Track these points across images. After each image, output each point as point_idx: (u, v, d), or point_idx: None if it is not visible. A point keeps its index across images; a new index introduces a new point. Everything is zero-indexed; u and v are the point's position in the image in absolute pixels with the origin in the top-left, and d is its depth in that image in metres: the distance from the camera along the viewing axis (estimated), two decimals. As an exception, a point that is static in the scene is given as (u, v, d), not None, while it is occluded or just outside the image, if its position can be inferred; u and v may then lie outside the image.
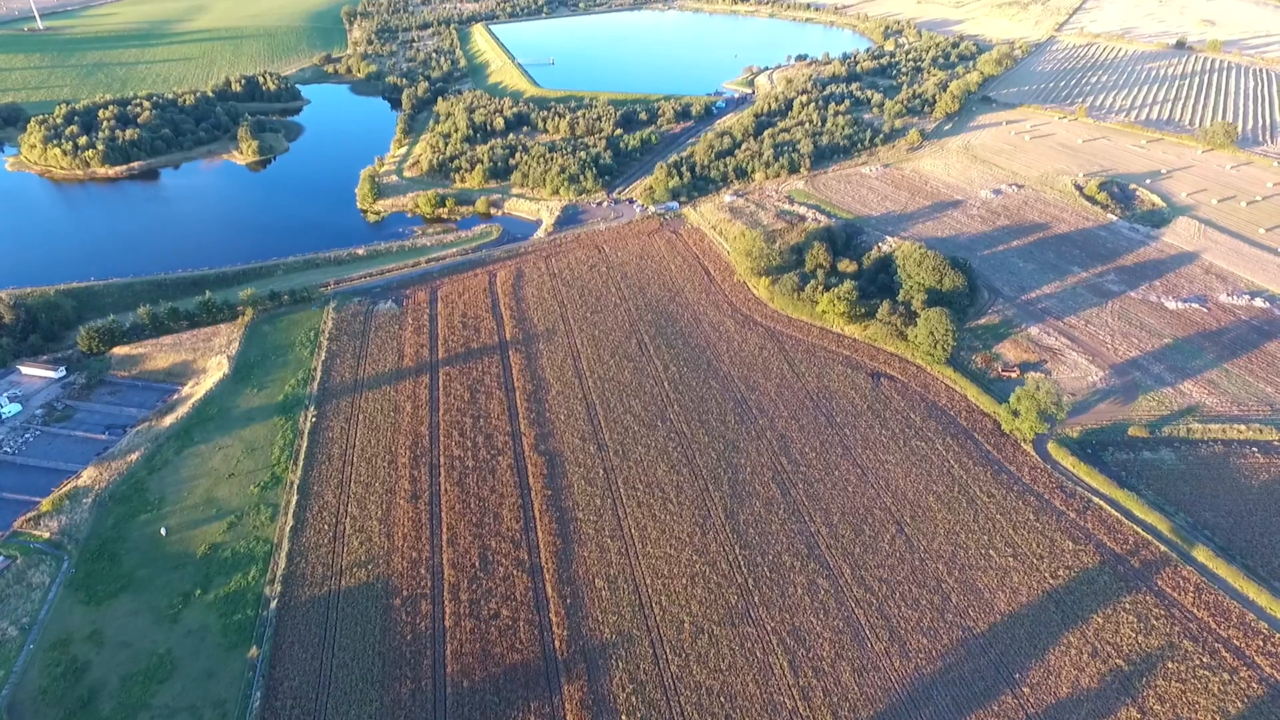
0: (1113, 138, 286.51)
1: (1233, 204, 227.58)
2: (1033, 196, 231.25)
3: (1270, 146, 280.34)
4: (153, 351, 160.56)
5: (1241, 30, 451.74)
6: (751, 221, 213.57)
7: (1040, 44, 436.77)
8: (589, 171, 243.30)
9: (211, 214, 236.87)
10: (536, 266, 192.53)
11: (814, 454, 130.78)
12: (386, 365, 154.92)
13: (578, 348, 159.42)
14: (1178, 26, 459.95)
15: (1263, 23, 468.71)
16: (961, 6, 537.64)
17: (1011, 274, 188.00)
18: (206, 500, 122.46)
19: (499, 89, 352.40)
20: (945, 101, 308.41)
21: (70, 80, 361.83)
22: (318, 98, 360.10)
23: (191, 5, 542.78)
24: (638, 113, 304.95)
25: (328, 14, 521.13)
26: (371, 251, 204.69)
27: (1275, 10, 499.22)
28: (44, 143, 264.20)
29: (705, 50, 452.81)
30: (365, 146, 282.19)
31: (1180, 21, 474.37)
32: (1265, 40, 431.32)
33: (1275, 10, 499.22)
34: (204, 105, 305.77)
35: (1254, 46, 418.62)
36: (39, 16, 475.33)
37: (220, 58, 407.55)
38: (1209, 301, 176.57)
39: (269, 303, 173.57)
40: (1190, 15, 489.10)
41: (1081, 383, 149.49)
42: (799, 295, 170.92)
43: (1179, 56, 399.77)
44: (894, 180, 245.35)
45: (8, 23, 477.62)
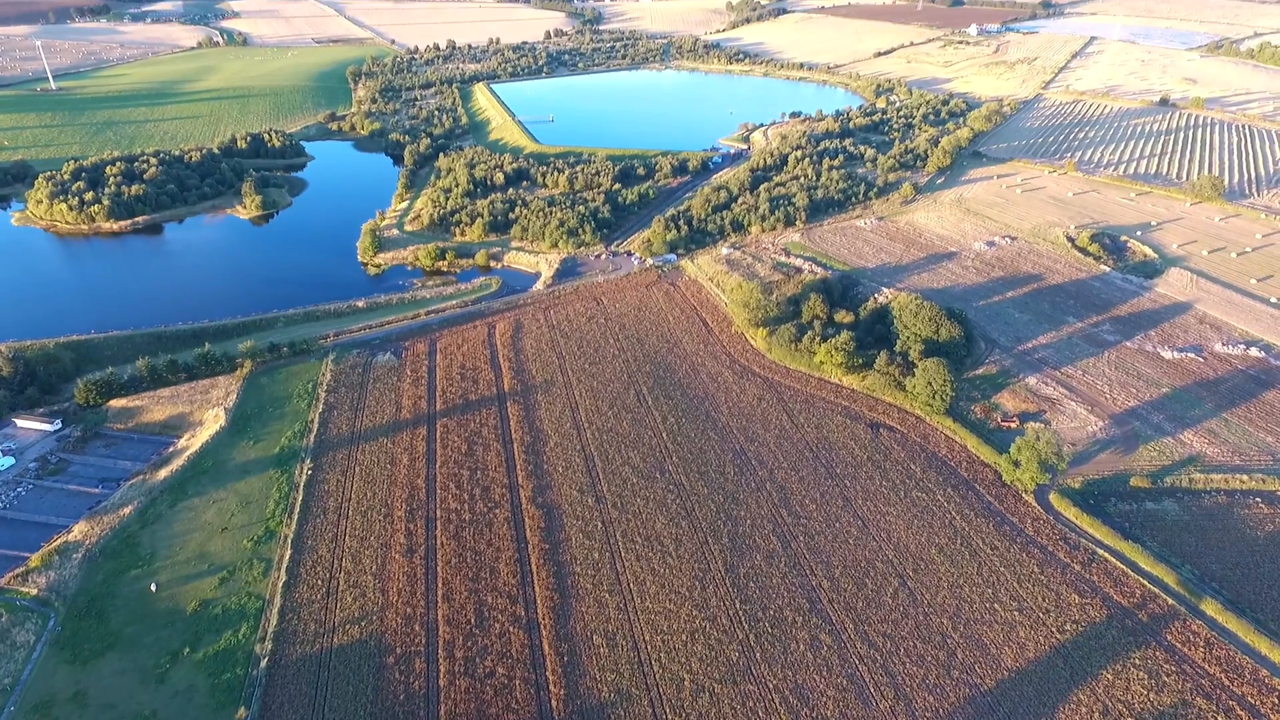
0: (1102, 191, 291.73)
1: (1223, 255, 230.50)
2: (1026, 248, 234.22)
3: (1257, 199, 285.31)
4: (150, 404, 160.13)
5: (1222, 88, 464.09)
6: (748, 273, 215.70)
7: (1028, 101, 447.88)
8: (587, 225, 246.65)
9: (213, 267, 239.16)
10: (535, 318, 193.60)
11: (814, 506, 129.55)
12: (384, 417, 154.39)
13: (576, 399, 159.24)
14: (1161, 85, 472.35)
15: (1242, 81, 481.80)
16: (950, 66, 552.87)
17: (1008, 324, 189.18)
18: (199, 555, 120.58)
19: (500, 145, 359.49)
20: (937, 156, 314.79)
21: (80, 138, 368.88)
22: (321, 154, 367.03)
23: (201, 67, 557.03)
24: (635, 168, 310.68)
25: (333, 74, 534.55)
26: (371, 304, 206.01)
27: (1253, 70, 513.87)
28: (50, 198, 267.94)
29: (701, 107, 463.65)
30: (367, 201, 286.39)
31: (1163, 80, 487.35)
32: (1245, 98, 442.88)
33: (1253, 70, 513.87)
34: (210, 161, 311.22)
35: (1235, 104, 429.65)
36: (52, 78, 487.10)
37: (227, 116, 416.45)
38: (1205, 351, 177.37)
39: (268, 355, 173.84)
40: (1172, 74, 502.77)
41: (1081, 433, 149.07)
42: (796, 346, 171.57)
43: (1163, 113, 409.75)
44: (888, 233, 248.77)
45: (23, 83, 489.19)
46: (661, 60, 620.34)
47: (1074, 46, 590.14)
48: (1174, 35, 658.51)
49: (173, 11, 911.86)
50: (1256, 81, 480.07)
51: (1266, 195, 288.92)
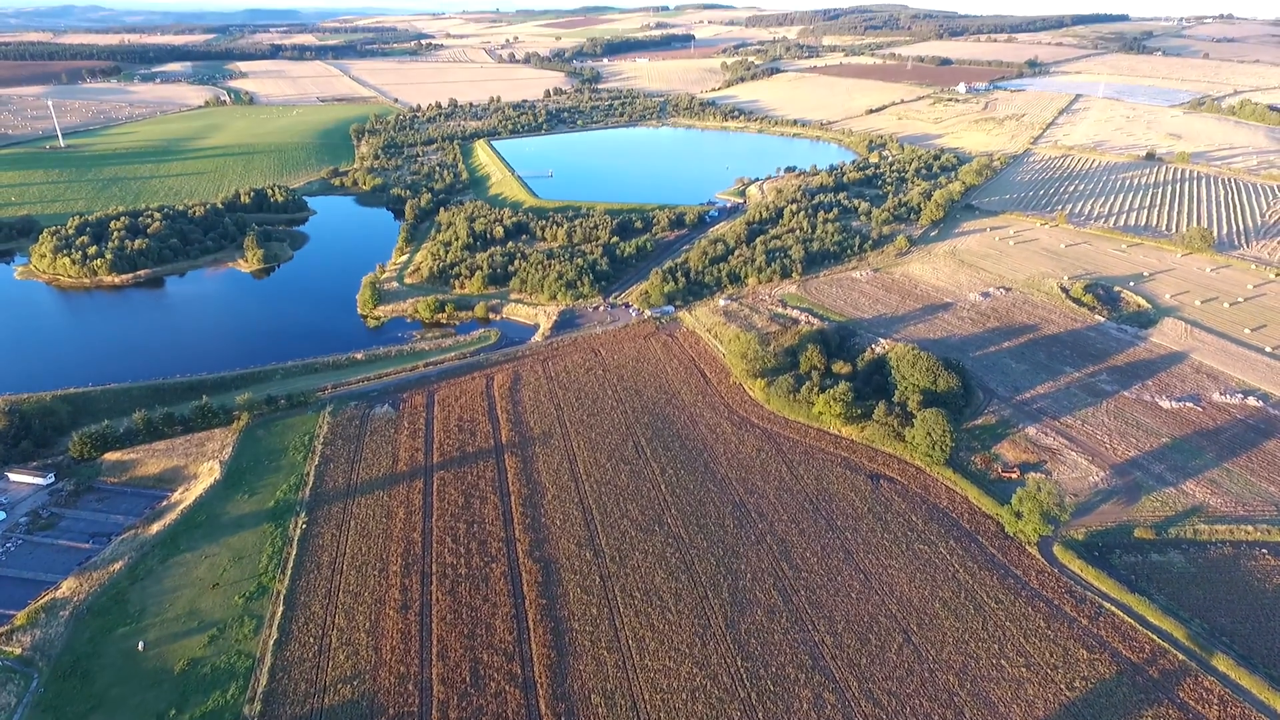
0: (1094, 242, 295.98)
1: (1216, 305, 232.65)
2: (1020, 299, 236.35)
3: (1247, 250, 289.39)
4: (144, 457, 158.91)
5: (1206, 143, 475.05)
6: (746, 325, 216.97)
7: (1018, 156, 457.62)
8: (586, 277, 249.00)
9: (213, 320, 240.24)
10: (534, 370, 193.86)
11: (815, 559, 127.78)
12: (380, 470, 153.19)
13: (574, 451, 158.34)
14: (1146, 140, 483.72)
15: (1225, 137, 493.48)
16: (940, 122, 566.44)
17: (1005, 374, 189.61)
18: (189, 612, 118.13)
19: (499, 200, 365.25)
20: (930, 209, 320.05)
21: (85, 193, 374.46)
22: (324, 208, 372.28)
23: (208, 124, 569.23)
24: (633, 221, 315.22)
25: (336, 131, 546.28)
26: (370, 356, 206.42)
27: (1235, 126, 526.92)
28: (54, 252, 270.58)
29: (698, 163, 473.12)
30: (368, 254, 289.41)
31: (1148, 135, 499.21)
32: (1229, 152, 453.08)
33: (1235, 126, 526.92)
34: (213, 216, 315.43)
35: (1219, 158, 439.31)
36: (61, 135, 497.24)
37: (232, 172, 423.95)
38: (1203, 400, 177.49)
39: (265, 407, 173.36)
40: (1157, 130, 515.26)
41: (1083, 483, 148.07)
42: (795, 397, 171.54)
43: (1150, 167, 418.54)
44: (884, 284, 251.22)
45: (33, 141, 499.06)
46: (658, 117, 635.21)
47: (1060, 103, 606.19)
48: (1157, 93, 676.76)
49: (182, 72, 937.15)
50: (1239, 137, 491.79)
51: (1255, 246, 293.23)
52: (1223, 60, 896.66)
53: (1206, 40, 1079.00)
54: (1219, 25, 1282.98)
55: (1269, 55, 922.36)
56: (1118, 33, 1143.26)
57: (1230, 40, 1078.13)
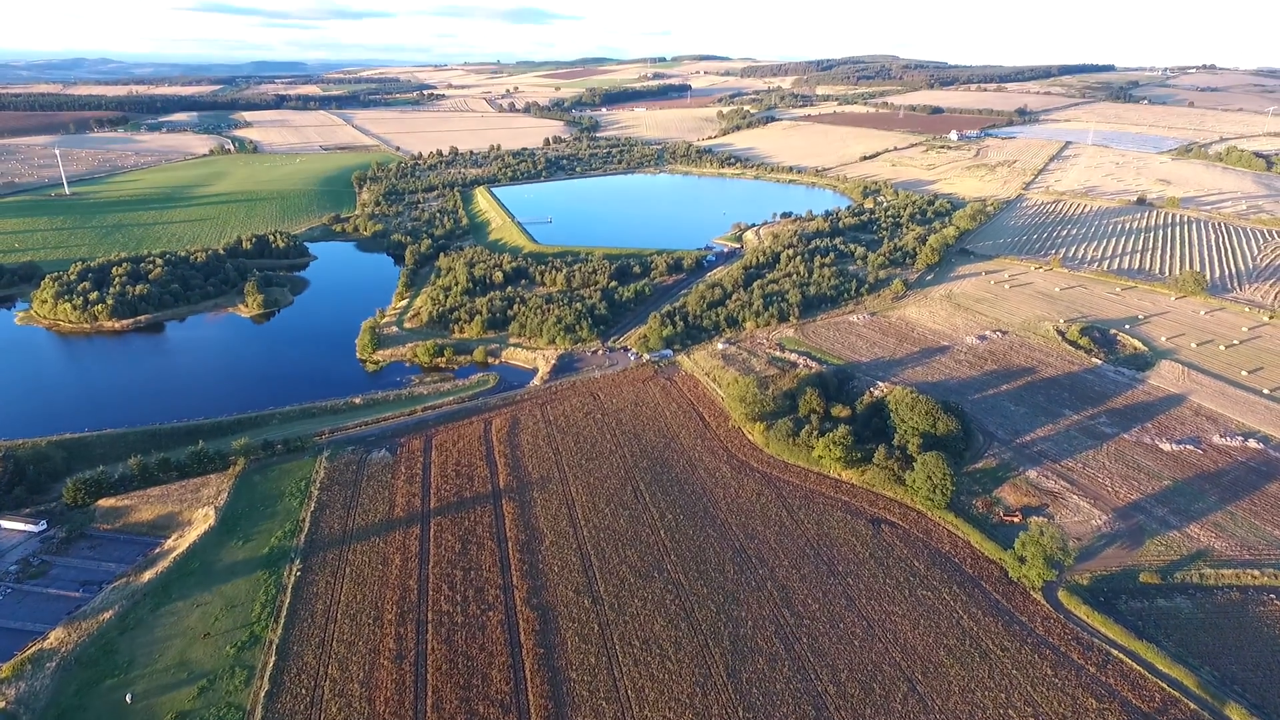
0: (1088, 286, 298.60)
1: (1212, 347, 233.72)
2: (1017, 342, 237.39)
3: (1240, 293, 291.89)
4: (139, 503, 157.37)
5: (1195, 188, 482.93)
6: (744, 368, 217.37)
7: (1010, 201, 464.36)
8: (585, 321, 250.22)
9: (211, 365, 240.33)
10: (532, 414, 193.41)
11: (817, 605, 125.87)
12: (377, 516, 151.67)
13: (572, 496, 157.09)
14: (1136, 185, 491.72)
15: (1213, 182, 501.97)
16: (933, 169, 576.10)
17: (1004, 417, 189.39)
18: (179, 663, 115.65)
19: (499, 245, 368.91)
20: (926, 253, 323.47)
21: (88, 240, 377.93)
22: (325, 254, 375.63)
23: (211, 172, 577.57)
24: (632, 266, 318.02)
25: (339, 178, 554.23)
26: (368, 400, 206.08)
27: (1222, 172, 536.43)
28: (55, 298, 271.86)
29: (695, 208, 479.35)
30: (368, 299, 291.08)
31: (1138, 181, 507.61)
32: (1218, 198, 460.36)
33: (1222, 172, 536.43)
34: (214, 262, 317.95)
35: (1209, 203, 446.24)
36: (67, 183, 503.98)
37: (234, 218, 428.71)
38: (1203, 443, 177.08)
39: (261, 452, 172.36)
40: (1147, 175, 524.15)
41: (1085, 527, 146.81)
42: (794, 440, 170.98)
43: (1142, 211, 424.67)
44: (881, 328, 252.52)
45: (38, 189, 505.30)
46: (656, 164, 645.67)
47: (1051, 150, 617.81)
48: (1145, 140, 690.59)
49: (188, 122, 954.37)
50: (1227, 182, 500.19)
51: (1249, 289, 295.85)
52: (1207, 109, 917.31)
53: (1191, 89, 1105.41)
54: (1202, 75, 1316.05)
55: (1252, 104, 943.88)
56: (1104, 82, 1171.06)
57: (1214, 89, 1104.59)
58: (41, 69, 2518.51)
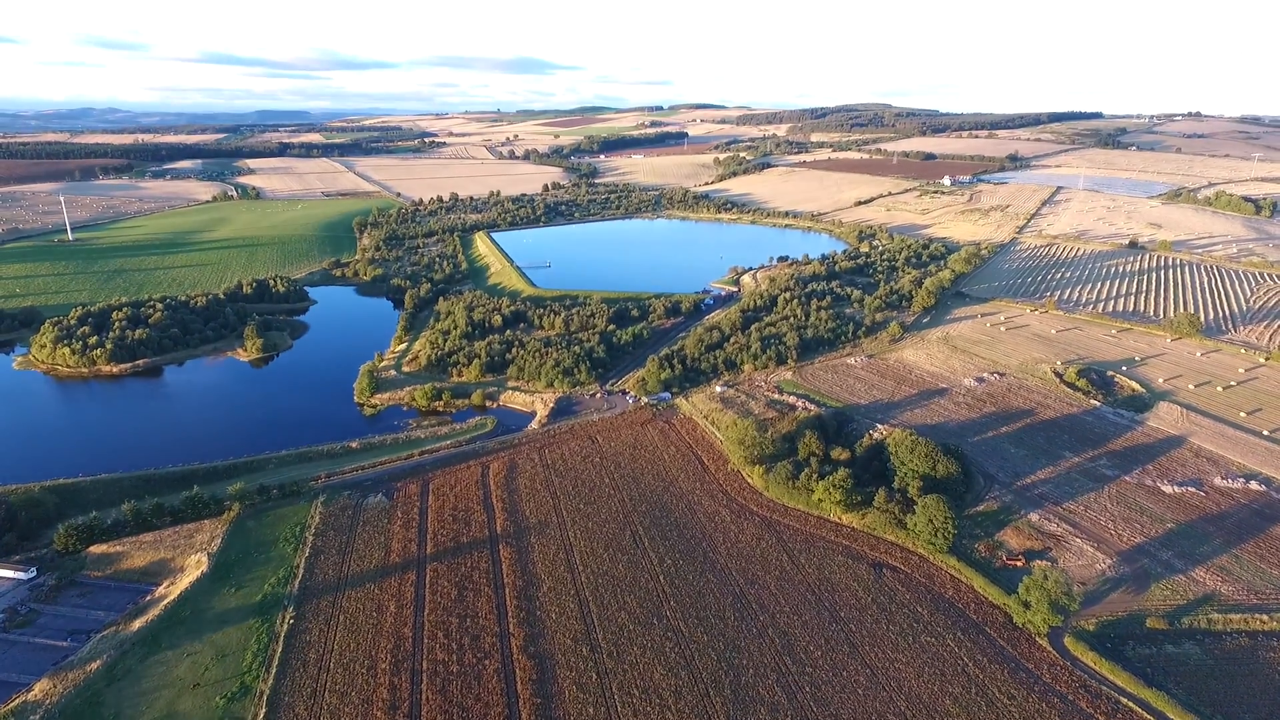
0: (1084, 328, 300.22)
1: (1210, 389, 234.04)
2: (1015, 384, 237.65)
3: (1234, 334, 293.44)
4: (131, 550, 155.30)
5: (1186, 232, 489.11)
6: (743, 411, 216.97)
7: (1004, 245, 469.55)
8: (583, 365, 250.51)
9: (209, 409, 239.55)
10: (530, 458, 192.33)
11: (819, 653, 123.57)
12: (372, 562, 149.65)
13: (570, 541, 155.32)
14: (1128, 229, 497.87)
15: (1204, 225, 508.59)
16: (927, 213, 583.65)
17: (1004, 460, 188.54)
18: (167, 715, 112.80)
19: (498, 289, 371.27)
20: (922, 296, 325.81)
21: (90, 285, 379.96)
22: (324, 298, 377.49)
23: (214, 218, 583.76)
24: (630, 309, 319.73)
25: (340, 224, 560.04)
26: (365, 444, 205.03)
27: (1212, 216, 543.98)
28: (54, 342, 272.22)
29: (693, 253, 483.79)
30: (367, 343, 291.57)
31: (1130, 224, 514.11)
32: (1209, 241, 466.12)
33: (1212, 216, 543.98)
34: (214, 306, 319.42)
35: (1200, 246, 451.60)
36: (70, 229, 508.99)
37: (235, 263, 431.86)
38: (1205, 485, 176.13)
39: (257, 497, 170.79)
40: (1138, 219, 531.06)
41: (1090, 571, 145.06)
42: (794, 484, 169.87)
43: (1134, 255, 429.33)
44: (879, 370, 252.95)
45: (42, 234, 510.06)
46: (653, 210, 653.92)
47: (1043, 195, 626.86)
48: (1134, 185, 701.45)
49: (192, 169, 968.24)
50: (1217, 226, 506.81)
51: (1243, 331, 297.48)
52: (1195, 155, 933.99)
53: (1178, 136, 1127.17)
54: (1188, 122, 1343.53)
55: (1237, 150, 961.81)
56: (1093, 129, 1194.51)
57: (1200, 136, 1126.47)
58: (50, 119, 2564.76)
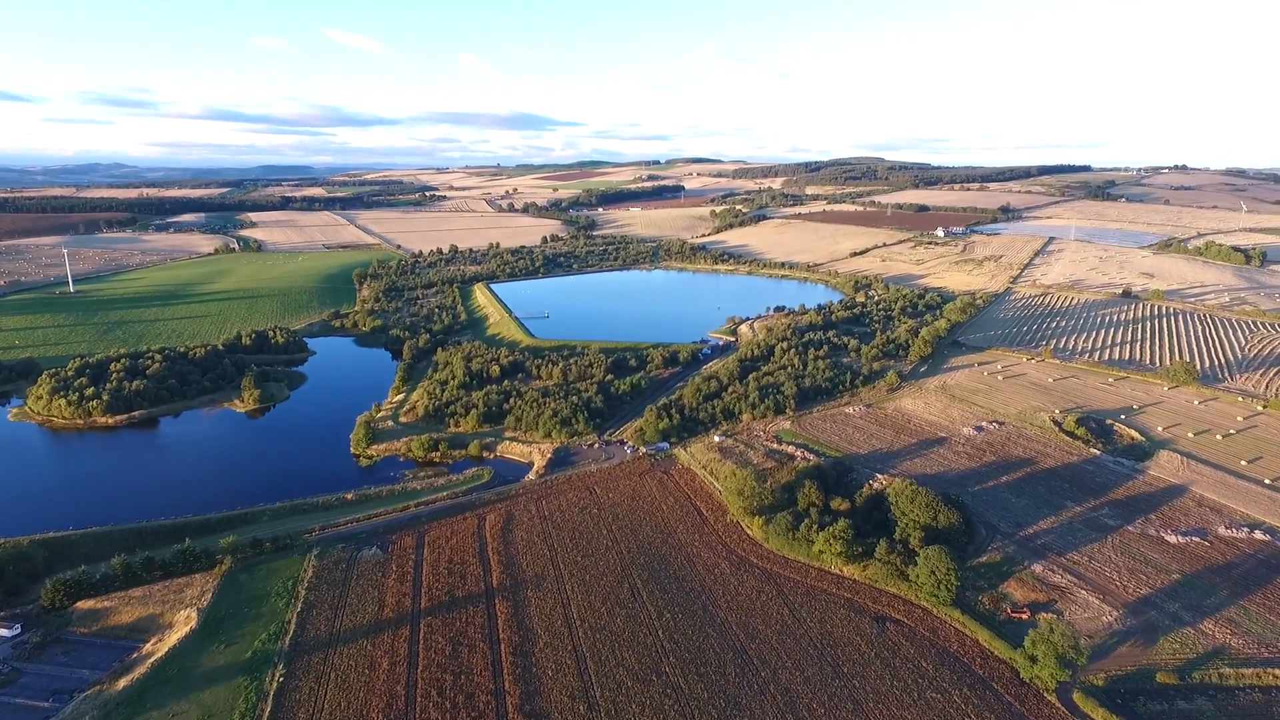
0: (1081, 376, 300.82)
1: (1209, 437, 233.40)
2: (1014, 432, 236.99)
3: (1231, 382, 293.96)
4: (119, 605, 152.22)
5: (1178, 281, 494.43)
6: (741, 461, 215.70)
7: (999, 294, 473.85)
8: (581, 415, 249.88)
9: (203, 460, 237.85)
10: (527, 509, 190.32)
11: (823, 710, 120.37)
12: (365, 617, 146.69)
13: (567, 594, 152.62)
14: (1121, 279, 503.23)
15: (1195, 275, 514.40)
16: (922, 264, 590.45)
17: (1006, 510, 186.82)
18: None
19: (497, 340, 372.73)
20: (918, 346, 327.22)
21: (89, 336, 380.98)
22: (323, 349, 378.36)
23: (215, 270, 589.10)
24: (628, 359, 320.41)
25: (340, 276, 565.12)
26: (360, 496, 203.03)
27: (1203, 265, 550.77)
28: (51, 394, 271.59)
29: (690, 303, 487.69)
30: (364, 394, 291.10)
31: (1123, 274, 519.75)
32: (1201, 290, 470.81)
33: (1203, 265, 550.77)
34: (213, 357, 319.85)
35: (1193, 295, 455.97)
36: (72, 282, 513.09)
37: (235, 314, 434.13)
38: (1209, 535, 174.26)
39: (249, 550, 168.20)
40: (1130, 269, 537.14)
41: (1096, 623, 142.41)
42: (794, 535, 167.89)
43: (1128, 304, 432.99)
44: (878, 419, 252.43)
45: (44, 287, 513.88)
46: (651, 261, 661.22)
47: (1035, 245, 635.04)
48: (1125, 235, 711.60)
49: (194, 222, 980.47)
50: (1208, 276, 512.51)
51: (1240, 379, 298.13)
52: (1183, 206, 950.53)
53: (1165, 188, 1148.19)
54: (1175, 175, 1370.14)
55: (1225, 201, 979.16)
56: (1083, 182, 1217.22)
57: (1187, 188, 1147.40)
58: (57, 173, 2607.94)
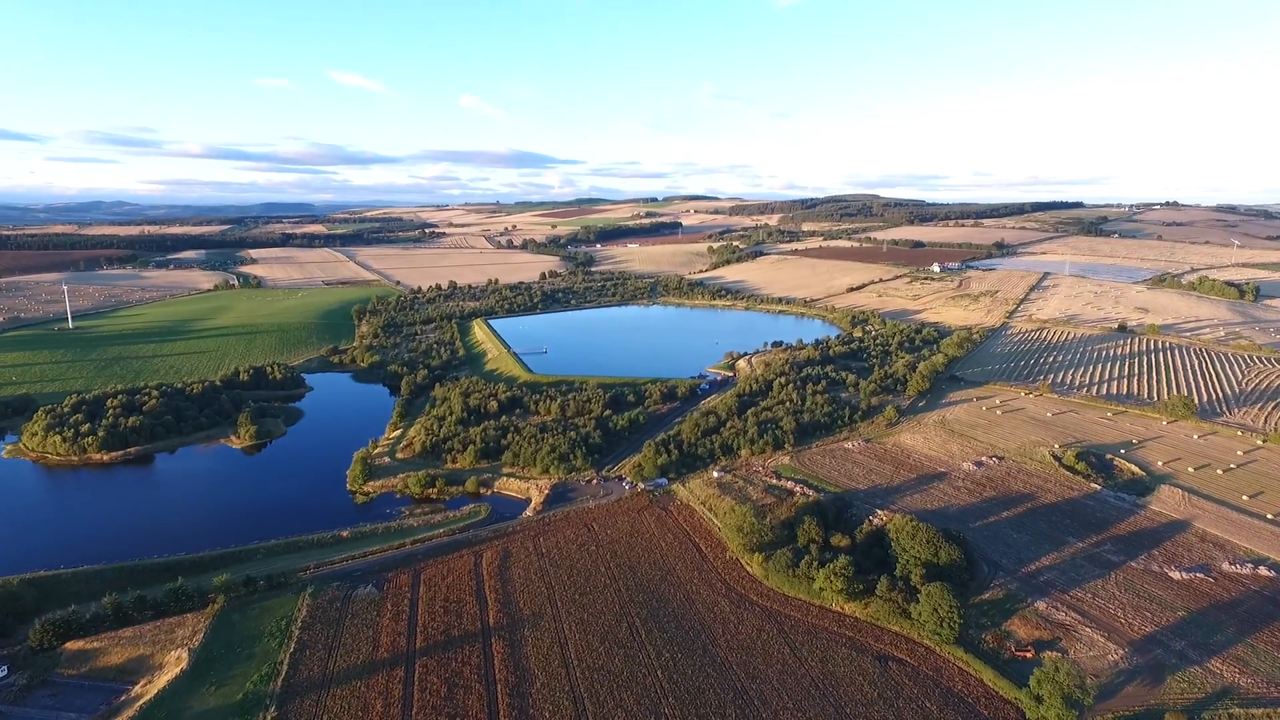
0: (1080, 411, 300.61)
1: (1210, 472, 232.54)
2: (1014, 467, 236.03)
3: (1230, 416, 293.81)
4: (109, 646, 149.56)
5: (1173, 316, 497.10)
6: (740, 497, 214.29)
7: (995, 329, 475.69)
8: (579, 450, 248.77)
9: (198, 497, 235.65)
10: (524, 546, 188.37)
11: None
12: (359, 657, 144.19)
13: (565, 633, 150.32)
14: (1116, 313, 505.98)
15: (1190, 310, 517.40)
16: (918, 299, 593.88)
17: (1007, 545, 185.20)
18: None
19: (495, 375, 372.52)
20: (916, 380, 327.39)
21: (86, 373, 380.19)
22: (321, 385, 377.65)
23: (214, 306, 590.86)
24: (626, 395, 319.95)
25: (339, 312, 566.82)
26: (356, 533, 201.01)
27: (1197, 300, 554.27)
28: (46, 430, 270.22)
29: (688, 338, 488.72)
30: (361, 430, 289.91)
31: (1118, 309, 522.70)
32: (1196, 325, 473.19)
33: (1197, 300, 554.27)
34: (210, 393, 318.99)
35: (1188, 330, 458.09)
36: (71, 318, 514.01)
37: (233, 350, 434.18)
38: (1213, 570, 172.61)
39: (243, 589, 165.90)
40: (1125, 304, 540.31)
41: (1102, 662, 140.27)
42: (794, 572, 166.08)
43: (1124, 338, 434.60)
44: (877, 454, 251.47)
45: (42, 323, 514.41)
46: (649, 297, 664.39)
47: (1030, 280, 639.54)
48: (1120, 271, 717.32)
49: (195, 259, 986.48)
50: (1202, 310, 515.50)
51: (1238, 414, 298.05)
52: (1176, 242, 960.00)
53: (1158, 224, 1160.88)
54: (1167, 211, 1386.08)
55: (1216, 237, 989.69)
56: (1075, 218, 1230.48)
57: (1179, 224, 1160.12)
58: (59, 211, 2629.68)
